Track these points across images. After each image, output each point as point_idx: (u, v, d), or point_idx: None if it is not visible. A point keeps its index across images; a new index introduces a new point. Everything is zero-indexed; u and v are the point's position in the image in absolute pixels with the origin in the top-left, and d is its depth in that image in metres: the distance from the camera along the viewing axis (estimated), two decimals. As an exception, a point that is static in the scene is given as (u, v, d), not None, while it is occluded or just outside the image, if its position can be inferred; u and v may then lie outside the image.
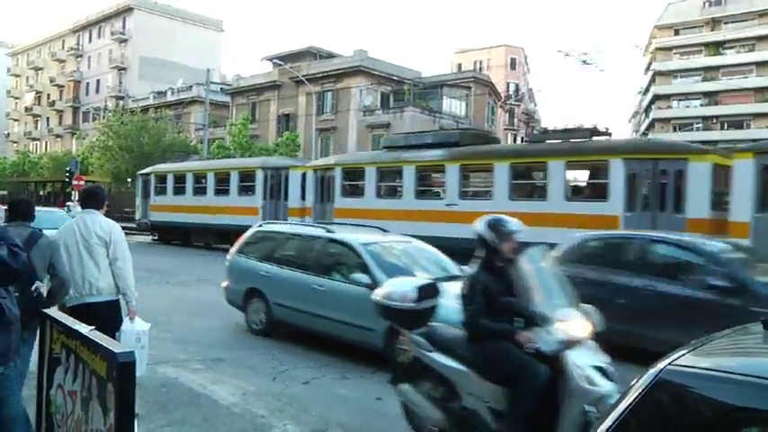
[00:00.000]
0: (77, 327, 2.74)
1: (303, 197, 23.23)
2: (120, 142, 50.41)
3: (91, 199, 5.36)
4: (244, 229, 11.01)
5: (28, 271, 3.39)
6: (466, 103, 51.24)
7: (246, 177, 25.00)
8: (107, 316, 5.02)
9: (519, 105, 77.78)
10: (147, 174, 31.26)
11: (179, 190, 27.75)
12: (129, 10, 76.90)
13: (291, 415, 5.57)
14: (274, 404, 5.87)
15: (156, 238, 29.84)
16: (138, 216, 30.46)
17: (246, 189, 24.87)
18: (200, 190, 26.93)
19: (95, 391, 2.51)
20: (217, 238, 24.93)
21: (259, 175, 24.30)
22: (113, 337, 4.81)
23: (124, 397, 2.31)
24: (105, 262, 5.08)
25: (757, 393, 1.72)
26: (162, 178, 29.44)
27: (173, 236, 28.10)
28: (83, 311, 4.91)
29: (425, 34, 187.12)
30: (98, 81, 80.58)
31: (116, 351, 2.34)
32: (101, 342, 2.49)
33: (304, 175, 23.43)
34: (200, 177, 27.61)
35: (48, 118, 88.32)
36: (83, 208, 5.34)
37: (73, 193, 34.01)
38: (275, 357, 7.69)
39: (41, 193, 51.09)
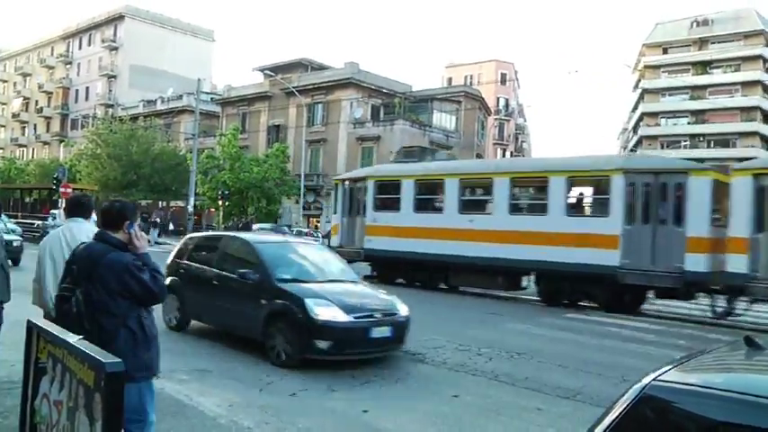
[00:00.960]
0: (65, 336, 2.73)
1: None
2: (108, 150, 50.21)
3: (77, 208, 5.29)
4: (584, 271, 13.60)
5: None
6: (456, 117, 51.47)
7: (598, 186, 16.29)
8: None
9: (509, 120, 78.21)
10: (358, 179, 21.21)
11: (425, 204, 19.06)
12: (120, 18, 76.82)
13: (277, 427, 5.55)
14: (260, 416, 5.85)
15: (375, 274, 19.99)
16: (337, 241, 20.94)
17: (592, 204, 16.77)
18: (472, 205, 18.39)
19: (82, 401, 2.50)
20: (488, 279, 17.58)
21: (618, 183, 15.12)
22: None
23: (112, 407, 2.31)
24: None
25: (739, 409, 1.75)
26: (389, 186, 20.02)
27: (403, 273, 19.54)
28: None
29: (416, 48, 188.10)
30: (87, 88, 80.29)
31: (104, 361, 2.34)
32: (88, 351, 2.49)
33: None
34: (474, 185, 19.16)
35: (35, 125, 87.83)
36: (68, 217, 5.26)
37: (60, 200, 33.79)
38: (262, 369, 7.66)
39: (27, 200, 50.66)
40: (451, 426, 5.97)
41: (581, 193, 17.23)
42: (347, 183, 21.47)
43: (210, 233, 17.21)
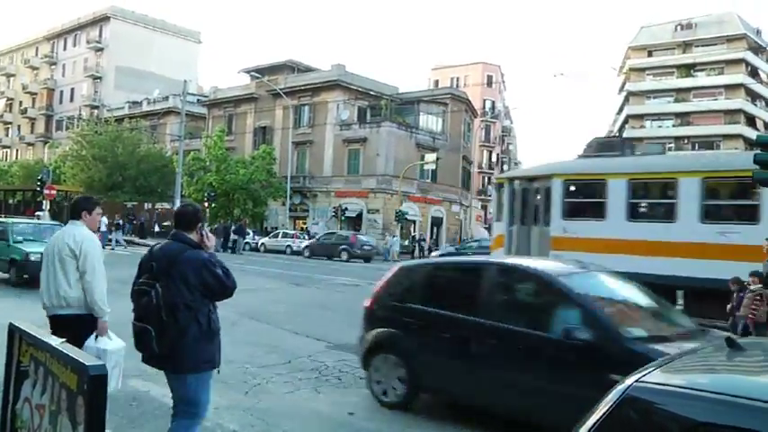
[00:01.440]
0: (47, 339, 2.70)
1: None
2: (93, 152, 49.88)
3: (72, 210, 5.29)
4: None
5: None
6: (442, 120, 51.58)
7: None
8: (76, 330, 4.92)
9: (495, 122, 78.49)
10: (537, 177, 16.55)
11: (644, 210, 15.24)
12: (105, 19, 76.35)
13: (263, 429, 5.53)
14: (246, 418, 5.83)
15: None
16: (504, 253, 16.36)
17: None
18: (723, 212, 13.93)
19: (65, 404, 2.48)
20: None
21: None
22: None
23: (95, 410, 2.28)
24: (76, 275, 4.97)
25: (721, 409, 1.76)
26: (587, 187, 15.89)
27: None
28: (56, 323, 4.99)
29: (403, 50, 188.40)
30: (72, 90, 79.73)
31: (87, 364, 2.32)
32: (71, 355, 2.46)
33: None
34: (726, 186, 14.22)
35: (19, 126, 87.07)
36: (70, 219, 5.26)
37: (44, 202, 33.49)
38: (248, 371, 7.63)
39: (11, 202, 50.15)
40: (436, 429, 5.97)
41: None
42: (517, 182, 16.94)
43: (456, 259, 13.60)
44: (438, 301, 6.60)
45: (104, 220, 39.19)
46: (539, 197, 16.12)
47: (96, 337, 4.92)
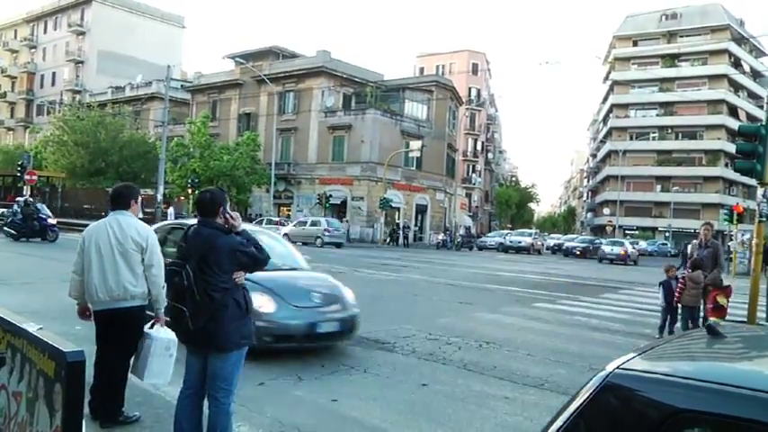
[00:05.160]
0: (24, 325, 2.67)
1: None
2: (75, 137, 49.37)
3: (119, 199, 5.13)
4: None
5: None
6: (427, 107, 51.56)
7: None
8: (131, 323, 4.93)
9: (480, 110, 78.55)
10: None
11: None
12: (87, 2, 75.39)
13: (245, 416, 5.52)
14: (228, 406, 5.80)
15: None
16: None
17: None
18: None
19: (42, 391, 2.45)
20: None
21: None
22: (137, 342, 4.84)
23: (73, 397, 2.26)
24: (140, 268, 4.93)
25: (701, 396, 1.78)
26: None
27: None
28: (110, 316, 4.95)
29: (388, 37, 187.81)
30: (53, 74, 78.72)
31: (65, 350, 2.29)
32: (49, 341, 2.43)
33: None
34: None
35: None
36: (112, 209, 5.12)
37: (24, 188, 33.11)
38: (230, 358, 7.60)
39: (-9, 187, 49.57)
40: (420, 414, 6.00)
41: None
42: None
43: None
44: None
45: (171, 210, 39.28)
46: None
47: (158, 328, 4.91)
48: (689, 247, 10.93)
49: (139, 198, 5.25)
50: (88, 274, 4.93)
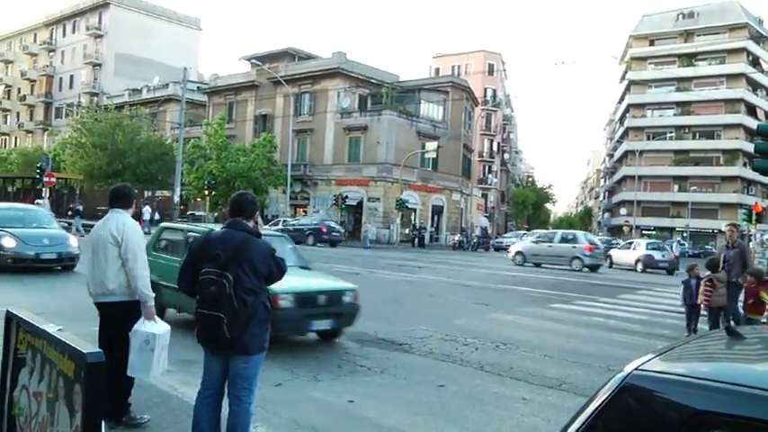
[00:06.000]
0: (44, 326, 2.70)
1: None
2: (93, 139, 49.82)
3: (117, 199, 5.28)
4: None
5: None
6: (443, 108, 51.47)
7: None
8: (120, 317, 4.98)
9: (496, 111, 78.29)
10: None
11: None
12: (105, 5, 76.09)
13: (263, 417, 5.54)
14: (245, 406, 5.83)
15: None
16: None
17: None
18: None
19: (62, 392, 2.48)
20: None
21: None
22: (127, 337, 4.83)
23: (92, 398, 2.28)
24: (118, 262, 5.01)
25: (718, 397, 1.76)
26: None
27: None
28: (101, 310, 5.16)
29: (404, 38, 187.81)
30: (72, 77, 79.54)
31: (84, 351, 2.31)
32: (68, 342, 2.46)
33: None
34: None
35: (18, 113, 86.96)
36: (111, 207, 5.28)
37: (43, 190, 33.47)
38: (247, 359, 7.63)
39: (10, 189, 50.19)
40: (437, 415, 5.99)
41: None
42: None
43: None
44: None
45: (148, 209, 39.33)
46: None
47: (143, 321, 4.95)
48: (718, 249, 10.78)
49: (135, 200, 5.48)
50: (87, 269, 5.23)
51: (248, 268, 4.03)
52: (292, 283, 7.49)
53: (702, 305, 10.14)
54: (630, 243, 36.15)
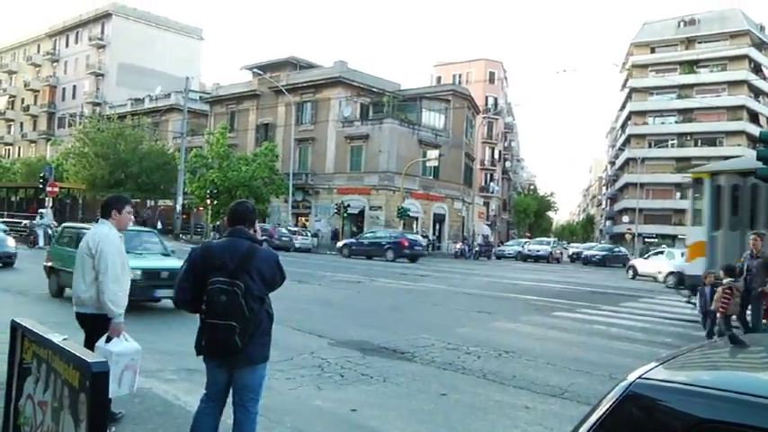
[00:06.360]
0: (50, 336, 2.71)
1: None
2: (96, 149, 49.94)
3: (104, 209, 5.28)
4: None
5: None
6: (445, 116, 51.55)
7: None
8: (92, 329, 4.97)
9: (497, 119, 78.36)
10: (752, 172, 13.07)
11: None
12: (107, 16, 76.39)
13: (266, 426, 5.53)
14: (248, 415, 5.82)
15: None
16: (701, 266, 13.82)
17: None
18: None
19: (67, 401, 2.48)
20: None
21: None
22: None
23: (97, 408, 2.29)
24: (92, 274, 4.95)
25: (721, 406, 1.76)
26: None
27: None
28: (78, 320, 5.16)
29: (405, 47, 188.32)
30: (74, 87, 79.80)
31: (90, 361, 2.32)
32: (74, 352, 2.47)
33: None
34: None
35: (21, 123, 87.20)
36: (100, 218, 5.29)
37: (47, 199, 33.53)
38: (250, 368, 7.63)
39: (13, 199, 50.26)
40: (439, 424, 5.97)
41: None
42: (723, 178, 14.56)
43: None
44: None
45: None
46: (758, 196, 13.67)
47: (108, 338, 4.85)
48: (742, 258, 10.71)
49: (125, 209, 5.27)
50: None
51: (256, 276, 4.02)
52: (144, 263, 11.32)
53: (718, 313, 10.17)
54: (660, 251, 31.78)
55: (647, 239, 67.61)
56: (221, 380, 4.29)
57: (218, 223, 42.67)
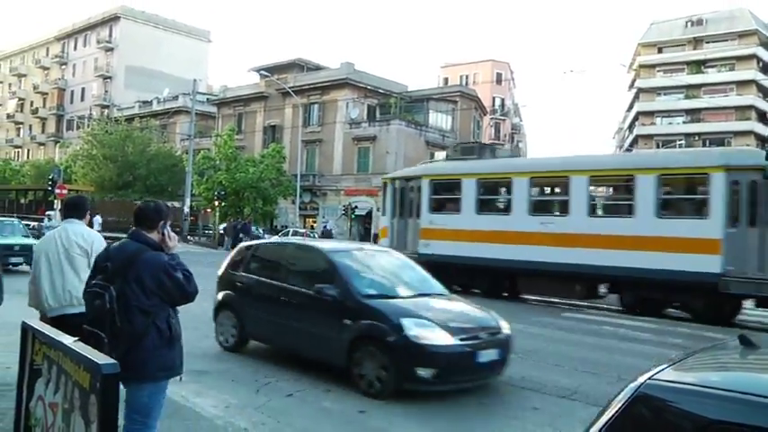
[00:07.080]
0: (60, 338, 2.72)
1: None
2: (104, 151, 50.11)
3: (73, 209, 5.31)
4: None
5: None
6: (452, 117, 51.50)
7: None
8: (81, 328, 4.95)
9: (505, 120, 78.26)
10: (411, 178, 19.79)
11: (488, 205, 17.87)
12: (115, 18, 76.68)
13: (274, 428, 5.55)
14: (257, 417, 5.85)
15: None
16: (387, 244, 18.25)
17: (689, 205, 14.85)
18: (544, 206, 17.37)
19: (78, 402, 2.50)
20: (562, 286, 16.12)
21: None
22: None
23: (108, 409, 2.30)
24: (86, 273, 4.87)
25: (735, 408, 1.76)
26: (447, 186, 18.89)
27: (461, 279, 16.87)
28: (64, 322, 4.90)
29: (412, 48, 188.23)
30: (83, 89, 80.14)
31: (100, 363, 2.34)
32: (84, 353, 2.48)
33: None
34: (547, 184, 17.94)
35: (30, 125, 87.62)
36: (64, 218, 5.30)
37: (55, 201, 33.69)
38: (259, 370, 7.66)
39: (22, 201, 50.48)
40: (447, 425, 5.97)
41: (673, 193, 15.30)
42: (397, 182, 19.97)
43: (274, 240, 16.59)
44: (255, 271, 8.83)
45: (98, 219, 39.31)
46: (413, 194, 19.04)
47: None
48: None
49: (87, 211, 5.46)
50: (38, 282, 5.01)
51: (134, 281, 3.61)
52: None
53: None
54: None
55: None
56: None
57: (225, 224, 42.74)
